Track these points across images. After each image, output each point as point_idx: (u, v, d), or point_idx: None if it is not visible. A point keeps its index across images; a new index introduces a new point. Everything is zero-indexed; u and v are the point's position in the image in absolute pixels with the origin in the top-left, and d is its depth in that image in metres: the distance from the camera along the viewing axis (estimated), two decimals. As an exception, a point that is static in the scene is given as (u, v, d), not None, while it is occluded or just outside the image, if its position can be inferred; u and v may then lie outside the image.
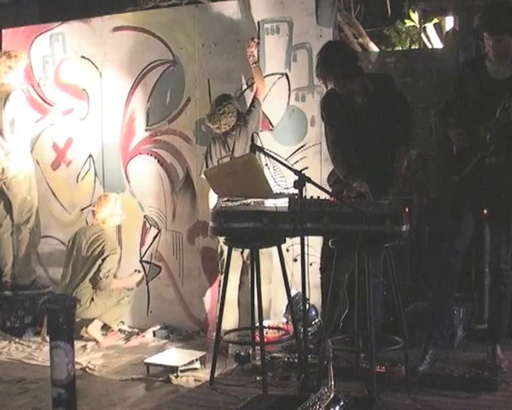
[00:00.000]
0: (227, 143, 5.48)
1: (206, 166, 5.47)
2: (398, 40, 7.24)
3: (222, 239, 5.20)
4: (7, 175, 6.19)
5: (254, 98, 5.55)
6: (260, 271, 4.40)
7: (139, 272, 6.14)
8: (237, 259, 5.34)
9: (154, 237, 6.17)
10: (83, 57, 6.40)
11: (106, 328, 6.00)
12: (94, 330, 5.83)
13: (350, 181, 4.42)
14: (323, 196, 4.18)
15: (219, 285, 5.47)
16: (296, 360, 4.53)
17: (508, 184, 4.33)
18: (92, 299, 5.81)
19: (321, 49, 4.60)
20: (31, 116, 6.42)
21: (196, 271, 6.01)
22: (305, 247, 3.90)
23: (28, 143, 6.34)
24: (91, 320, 5.85)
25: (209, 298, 5.93)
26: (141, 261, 6.22)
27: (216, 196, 5.29)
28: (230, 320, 5.33)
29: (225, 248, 5.15)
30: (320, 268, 4.96)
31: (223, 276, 4.88)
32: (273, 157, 4.15)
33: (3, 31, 6.83)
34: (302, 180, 3.88)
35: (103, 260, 5.83)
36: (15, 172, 6.20)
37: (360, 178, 4.37)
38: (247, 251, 5.31)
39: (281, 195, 4.35)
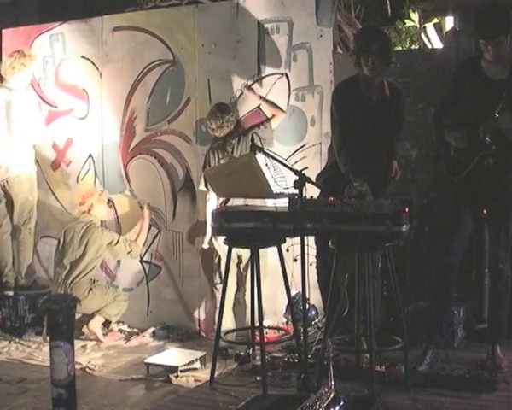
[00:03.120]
0: (226, 151, 5.47)
1: (204, 179, 5.46)
2: (398, 40, 7.24)
3: (220, 241, 5.18)
4: (10, 174, 6.18)
5: (268, 119, 5.55)
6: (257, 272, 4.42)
7: (143, 204, 6.09)
8: (233, 264, 5.33)
9: (154, 237, 6.17)
10: (83, 57, 6.39)
11: (106, 327, 6.01)
12: (95, 326, 5.83)
13: (351, 178, 4.42)
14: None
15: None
16: (296, 360, 4.54)
17: (506, 185, 4.34)
18: (90, 289, 5.84)
19: (365, 27, 5.11)
20: (36, 117, 6.39)
21: (196, 271, 6.01)
22: (305, 247, 3.90)
23: (32, 144, 6.33)
24: (92, 317, 5.86)
25: (209, 298, 5.93)
26: (141, 261, 6.22)
27: (213, 205, 5.29)
28: (227, 322, 5.32)
29: (222, 255, 5.19)
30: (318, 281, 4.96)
31: (223, 277, 4.89)
32: (273, 157, 4.16)
33: (3, 31, 6.82)
34: (302, 180, 3.88)
35: (113, 245, 5.93)
36: (18, 171, 6.18)
37: (362, 177, 4.37)
38: (243, 257, 5.33)
39: (281, 195, 4.36)
